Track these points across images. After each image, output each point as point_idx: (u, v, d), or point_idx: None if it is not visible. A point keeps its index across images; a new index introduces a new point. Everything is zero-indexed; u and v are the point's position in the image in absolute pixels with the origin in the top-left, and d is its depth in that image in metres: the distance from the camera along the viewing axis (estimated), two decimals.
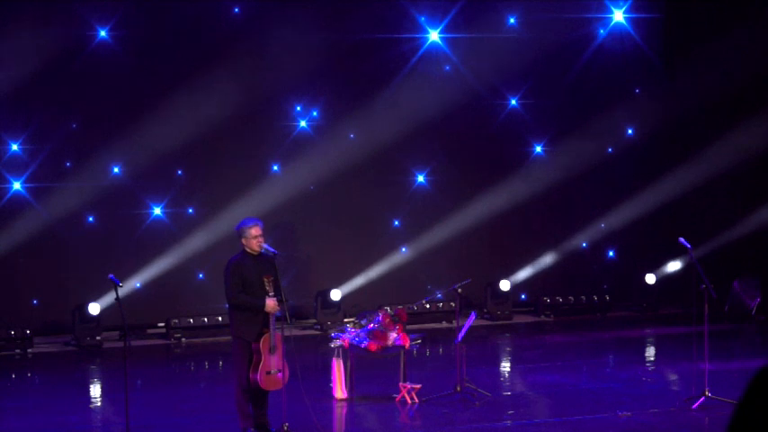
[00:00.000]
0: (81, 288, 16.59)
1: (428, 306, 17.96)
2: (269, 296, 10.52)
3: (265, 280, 10.55)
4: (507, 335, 17.59)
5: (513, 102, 18.73)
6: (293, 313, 11.00)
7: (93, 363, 15.68)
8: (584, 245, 19.33)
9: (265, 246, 10.71)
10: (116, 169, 16.97)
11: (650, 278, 19.06)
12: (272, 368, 10.56)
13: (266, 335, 10.55)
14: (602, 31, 18.96)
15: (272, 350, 10.55)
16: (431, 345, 16.27)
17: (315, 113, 17.83)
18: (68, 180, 16.72)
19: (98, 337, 16.48)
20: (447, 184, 18.51)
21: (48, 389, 14.24)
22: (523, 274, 18.97)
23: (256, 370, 10.53)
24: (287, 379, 10.70)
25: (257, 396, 10.76)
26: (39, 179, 16.60)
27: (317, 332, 17.26)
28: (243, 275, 10.61)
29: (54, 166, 16.67)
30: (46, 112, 16.58)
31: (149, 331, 17.32)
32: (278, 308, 10.52)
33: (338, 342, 12.64)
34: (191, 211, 17.40)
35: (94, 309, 16.37)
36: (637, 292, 19.22)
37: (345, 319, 17.24)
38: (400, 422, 11.85)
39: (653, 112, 19.22)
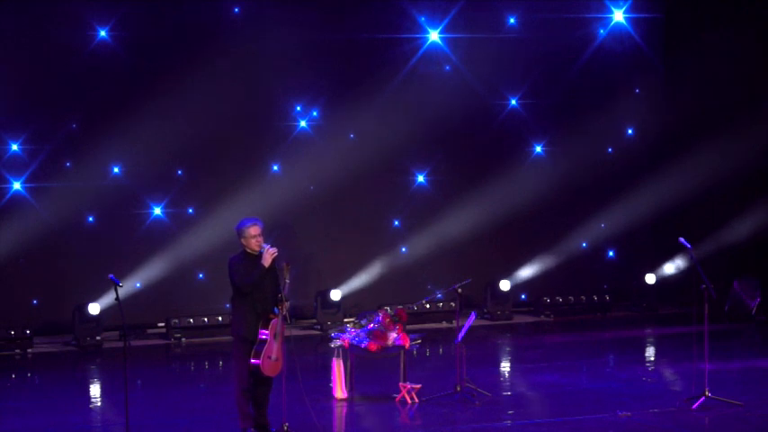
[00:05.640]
0: (81, 288, 16.58)
1: (428, 306, 17.96)
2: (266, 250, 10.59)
3: (285, 266, 10.58)
4: (507, 335, 17.59)
5: (513, 102, 18.72)
6: (293, 313, 10.98)
7: (93, 363, 15.68)
8: (584, 245, 19.32)
9: (265, 245, 10.71)
10: (116, 169, 16.97)
11: (650, 278, 19.06)
12: (274, 354, 10.56)
13: (274, 320, 10.54)
14: (602, 31, 18.96)
15: (276, 336, 10.54)
16: (431, 345, 16.27)
17: (315, 113, 17.83)
18: (68, 180, 16.72)
19: (98, 337, 16.47)
20: (447, 184, 18.51)
21: (48, 389, 14.23)
22: (523, 274, 18.97)
23: (259, 356, 10.50)
24: (282, 367, 10.67)
25: (257, 396, 10.75)
26: (39, 179, 16.60)
27: (317, 332, 17.26)
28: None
29: (54, 166, 16.67)
30: (46, 112, 16.58)
31: (149, 331, 17.31)
32: (274, 253, 10.56)
33: (338, 342, 12.64)
34: (191, 211, 17.40)
35: (94, 309, 16.37)
36: (637, 292, 19.22)
37: (345, 319, 17.23)
38: (400, 422, 11.85)
39: (653, 112, 19.22)
